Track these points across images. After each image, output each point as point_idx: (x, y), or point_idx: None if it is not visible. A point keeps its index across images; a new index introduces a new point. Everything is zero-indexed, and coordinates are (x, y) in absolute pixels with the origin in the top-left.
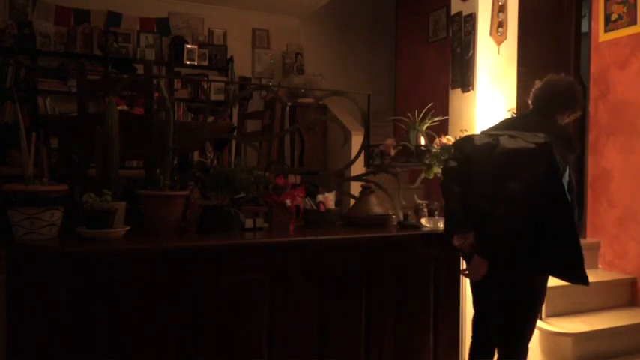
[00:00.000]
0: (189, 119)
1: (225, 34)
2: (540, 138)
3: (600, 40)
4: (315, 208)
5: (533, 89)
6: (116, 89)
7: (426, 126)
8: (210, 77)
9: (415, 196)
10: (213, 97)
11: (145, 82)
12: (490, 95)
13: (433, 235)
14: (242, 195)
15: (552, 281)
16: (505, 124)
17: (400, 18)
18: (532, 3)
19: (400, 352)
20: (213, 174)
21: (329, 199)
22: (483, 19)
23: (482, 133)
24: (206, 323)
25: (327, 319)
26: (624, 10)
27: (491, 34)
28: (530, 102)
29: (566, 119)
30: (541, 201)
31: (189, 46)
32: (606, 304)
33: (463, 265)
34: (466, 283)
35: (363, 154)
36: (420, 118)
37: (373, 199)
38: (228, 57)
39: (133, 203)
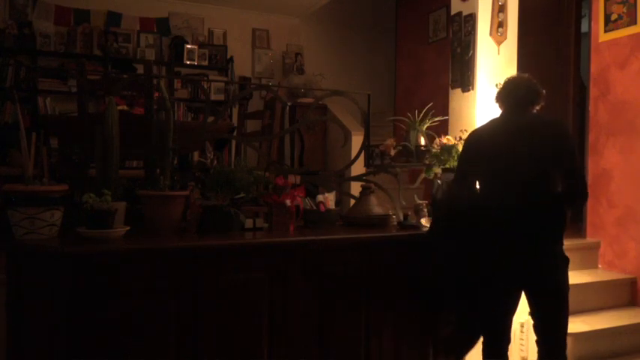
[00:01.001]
0: (189, 119)
1: (225, 34)
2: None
3: (600, 40)
4: (315, 208)
5: (497, 92)
6: (116, 89)
7: (426, 126)
8: (210, 77)
9: (415, 196)
10: (213, 97)
11: (145, 82)
12: (490, 95)
13: None
14: (242, 195)
15: None
16: (488, 127)
17: (400, 18)
18: (532, 3)
19: (400, 352)
20: (213, 174)
21: (329, 199)
22: (483, 19)
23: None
24: (206, 323)
25: (327, 319)
26: (624, 10)
27: (491, 34)
28: (500, 104)
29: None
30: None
31: (189, 46)
32: (606, 304)
33: None
34: None
35: (363, 154)
36: (420, 118)
37: (373, 199)
38: (228, 57)
39: (133, 203)
